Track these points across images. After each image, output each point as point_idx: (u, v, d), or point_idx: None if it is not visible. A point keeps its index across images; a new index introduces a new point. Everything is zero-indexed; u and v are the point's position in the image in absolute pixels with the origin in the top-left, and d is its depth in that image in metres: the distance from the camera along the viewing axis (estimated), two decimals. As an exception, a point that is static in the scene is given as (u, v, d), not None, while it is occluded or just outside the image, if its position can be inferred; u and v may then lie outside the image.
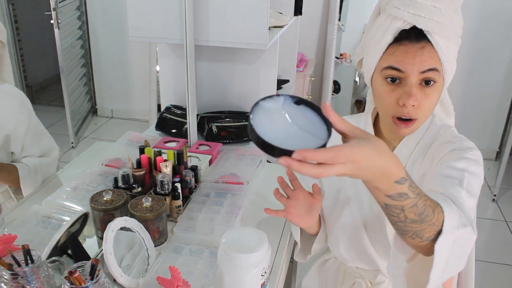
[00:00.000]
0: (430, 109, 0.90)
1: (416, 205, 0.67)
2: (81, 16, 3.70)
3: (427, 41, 0.84)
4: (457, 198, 0.77)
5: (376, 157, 0.62)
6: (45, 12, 3.21)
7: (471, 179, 0.83)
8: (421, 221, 0.69)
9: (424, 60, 0.84)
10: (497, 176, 3.00)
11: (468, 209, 0.77)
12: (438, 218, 0.70)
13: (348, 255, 1.08)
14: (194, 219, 1.20)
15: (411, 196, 0.66)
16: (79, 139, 3.60)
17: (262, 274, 0.88)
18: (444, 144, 0.92)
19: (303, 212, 0.98)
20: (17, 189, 1.41)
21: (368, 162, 0.61)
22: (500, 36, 3.23)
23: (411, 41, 0.84)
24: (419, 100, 0.86)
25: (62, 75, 3.24)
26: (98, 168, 1.41)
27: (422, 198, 0.68)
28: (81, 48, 3.76)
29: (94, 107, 4.12)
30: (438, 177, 0.84)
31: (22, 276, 0.82)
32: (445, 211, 0.71)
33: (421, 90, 0.86)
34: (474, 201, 0.81)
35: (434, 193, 0.77)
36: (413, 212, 0.68)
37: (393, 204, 0.67)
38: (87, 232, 1.16)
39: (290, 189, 1.00)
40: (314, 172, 0.58)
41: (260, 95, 1.92)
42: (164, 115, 1.87)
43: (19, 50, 3.98)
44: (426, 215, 0.68)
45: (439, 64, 0.85)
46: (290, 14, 2.36)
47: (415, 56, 0.84)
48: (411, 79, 0.85)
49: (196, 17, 1.61)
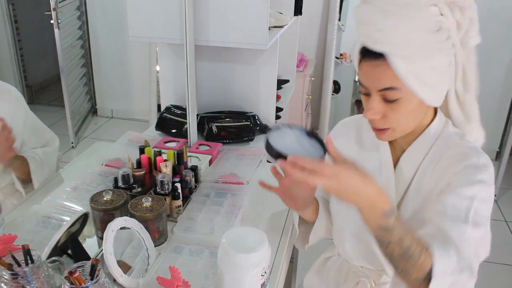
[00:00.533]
0: (404, 120, 0.87)
1: (402, 239, 0.71)
2: (81, 16, 3.70)
3: (384, 59, 0.81)
4: (459, 238, 0.78)
5: (361, 184, 0.71)
6: (45, 12, 3.21)
7: (480, 207, 0.82)
8: (407, 258, 0.72)
9: (379, 79, 0.83)
10: (497, 176, 3.00)
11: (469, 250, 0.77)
12: (426, 260, 0.72)
13: (353, 254, 1.08)
14: (194, 219, 1.20)
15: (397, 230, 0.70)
16: (79, 139, 3.60)
17: (262, 274, 0.88)
18: (459, 155, 0.88)
19: (294, 195, 1.00)
20: (26, 181, 1.41)
21: (352, 184, 0.70)
22: (500, 36, 3.23)
23: (370, 59, 0.83)
24: (385, 113, 0.86)
25: (62, 75, 3.25)
26: (98, 168, 1.41)
27: (409, 235, 0.72)
28: (81, 48, 3.76)
29: (94, 107, 4.12)
30: (446, 206, 0.83)
31: (22, 276, 0.82)
32: (436, 254, 0.73)
33: (386, 104, 0.85)
34: (482, 230, 0.81)
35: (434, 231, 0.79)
36: (399, 246, 0.71)
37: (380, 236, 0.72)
38: (87, 232, 1.16)
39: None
40: (301, 176, 0.69)
41: (260, 95, 1.93)
42: (164, 115, 1.87)
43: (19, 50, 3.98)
44: (412, 253, 0.71)
45: (398, 82, 0.81)
46: (290, 14, 2.36)
47: (372, 74, 0.84)
48: (373, 95, 0.85)
49: (196, 17, 1.61)
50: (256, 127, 1.84)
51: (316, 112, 3.71)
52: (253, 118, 1.84)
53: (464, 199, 0.83)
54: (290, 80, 2.59)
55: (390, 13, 0.78)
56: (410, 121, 0.88)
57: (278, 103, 2.21)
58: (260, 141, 1.83)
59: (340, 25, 3.29)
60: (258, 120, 1.86)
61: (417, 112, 0.88)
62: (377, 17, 0.79)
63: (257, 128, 1.84)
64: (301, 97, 3.09)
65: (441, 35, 0.79)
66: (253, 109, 1.94)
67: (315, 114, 3.70)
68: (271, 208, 1.34)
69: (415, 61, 0.80)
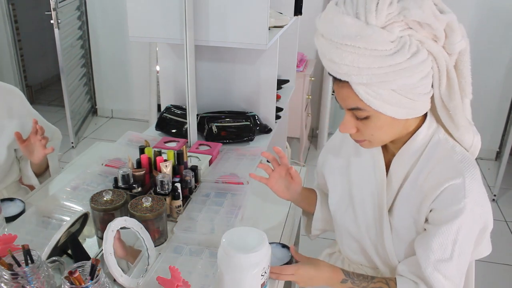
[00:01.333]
0: (378, 133, 0.89)
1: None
2: (81, 16, 3.70)
3: (346, 82, 0.83)
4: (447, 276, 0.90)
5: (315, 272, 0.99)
6: (45, 12, 3.21)
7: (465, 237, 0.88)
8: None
9: (345, 99, 0.86)
10: (497, 176, 3.00)
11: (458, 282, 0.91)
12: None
13: (350, 251, 1.11)
14: (194, 219, 1.20)
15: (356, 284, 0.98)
16: (79, 139, 3.60)
17: (262, 274, 0.88)
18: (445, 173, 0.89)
19: (283, 187, 1.15)
20: (41, 175, 1.48)
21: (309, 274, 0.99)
22: (500, 36, 3.22)
23: (335, 79, 0.85)
24: (358, 127, 0.90)
25: (62, 75, 3.24)
26: (98, 168, 1.41)
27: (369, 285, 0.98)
28: (81, 48, 3.76)
29: (94, 107, 4.12)
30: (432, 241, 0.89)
31: (22, 276, 0.82)
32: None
33: (358, 120, 0.88)
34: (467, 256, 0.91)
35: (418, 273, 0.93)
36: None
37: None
38: (87, 232, 1.16)
39: (277, 163, 1.14)
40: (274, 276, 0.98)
41: (260, 95, 1.93)
42: (164, 115, 1.87)
43: (19, 50, 3.99)
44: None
45: (362, 103, 0.83)
46: (290, 14, 2.36)
47: (339, 94, 0.87)
48: (345, 111, 0.89)
49: (196, 17, 1.61)
50: (256, 127, 1.84)
51: (316, 112, 3.71)
52: (253, 118, 1.84)
53: (450, 234, 0.87)
54: (290, 80, 2.59)
55: (343, 46, 0.79)
56: (385, 133, 0.90)
57: (278, 103, 2.21)
58: (260, 141, 1.83)
59: (340, 25, 3.30)
60: (258, 120, 1.86)
61: (392, 125, 0.88)
62: (332, 50, 0.80)
63: (257, 128, 1.85)
64: (301, 97, 3.09)
65: (400, 56, 0.78)
66: (253, 109, 1.94)
67: (315, 114, 3.71)
68: (271, 208, 1.34)
69: (375, 86, 0.81)
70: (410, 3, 0.78)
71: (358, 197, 1.03)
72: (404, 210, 0.95)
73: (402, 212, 0.95)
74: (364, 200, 1.02)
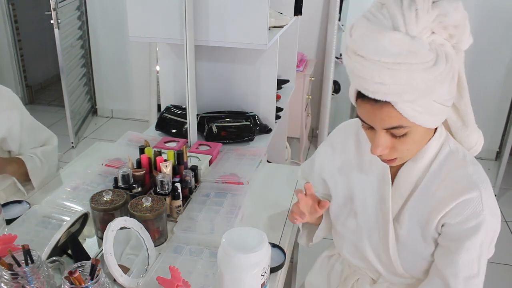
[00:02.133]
0: (413, 147, 0.86)
1: None
2: (81, 16, 3.70)
3: (387, 101, 0.77)
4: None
5: None
6: (45, 12, 3.21)
7: (486, 250, 0.90)
8: None
9: (383, 119, 0.80)
10: (497, 176, 3.00)
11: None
12: None
13: (350, 257, 1.09)
14: (194, 219, 1.20)
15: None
16: (79, 139, 3.59)
17: (262, 274, 0.88)
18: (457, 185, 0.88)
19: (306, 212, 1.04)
20: (27, 181, 1.42)
21: None
22: (500, 36, 3.22)
23: (370, 100, 0.79)
24: (393, 146, 0.84)
25: (62, 75, 3.24)
26: (98, 168, 1.41)
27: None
28: (81, 48, 3.76)
29: (94, 107, 4.12)
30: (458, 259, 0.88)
31: (22, 276, 0.82)
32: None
33: (394, 138, 0.83)
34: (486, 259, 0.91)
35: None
36: None
37: None
38: (87, 232, 1.16)
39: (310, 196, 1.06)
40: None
41: (260, 95, 1.93)
42: (164, 115, 1.87)
43: (19, 50, 3.99)
44: None
45: (405, 121, 0.79)
46: (290, 14, 2.36)
47: (375, 115, 0.80)
48: (378, 131, 0.83)
49: (196, 17, 1.61)
50: (256, 127, 1.84)
51: (316, 112, 3.71)
52: (253, 118, 1.84)
53: (473, 250, 0.88)
54: (290, 80, 2.59)
55: (396, 65, 0.73)
56: (419, 145, 0.88)
57: (278, 103, 2.21)
58: (260, 141, 1.83)
59: (340, 25, 3.29)
60: (258, 120, 1.86)
61: (425, 136, 0.87)
62: (373, 71, 0.74)
63: (257, 128, 1.84)
64: (301, 97, 3.09)
65: (440, 64, 0.75)
66: (253, 109, 1.94)
67: (315, 114, 3.70)
68: (271, 208, 1.34)
69: (419, 101, 0.77)
70: (446, 8, 0.74)
71: (361, 205, 1.02)
72: (413, 218, 0.93)
73: (410, 220, 0.93)
74: (367, 207, 1.00)
